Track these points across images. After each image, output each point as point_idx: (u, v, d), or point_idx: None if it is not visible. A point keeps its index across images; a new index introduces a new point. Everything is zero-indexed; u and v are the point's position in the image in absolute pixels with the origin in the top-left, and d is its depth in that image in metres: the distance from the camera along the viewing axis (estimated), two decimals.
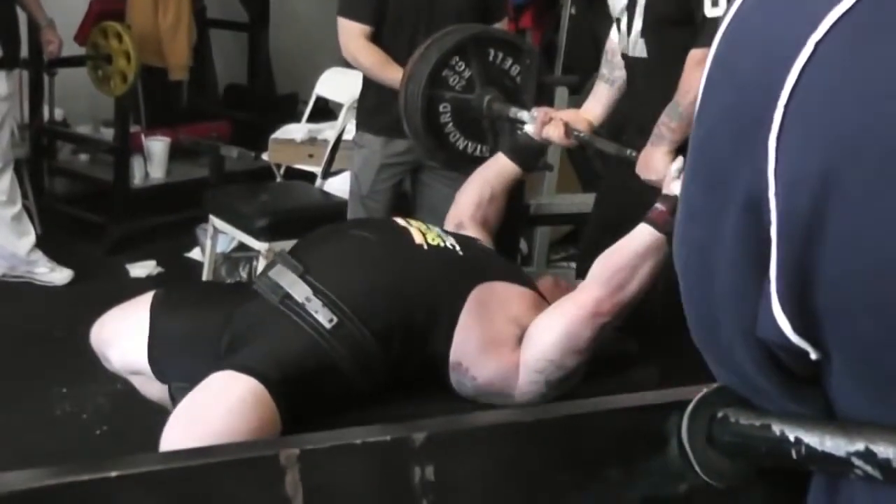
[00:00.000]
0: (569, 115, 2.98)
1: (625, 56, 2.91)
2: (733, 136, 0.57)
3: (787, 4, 0.55)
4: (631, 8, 2.81)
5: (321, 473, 0.81)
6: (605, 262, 2.12)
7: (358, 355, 2.00)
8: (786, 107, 0.53)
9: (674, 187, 2.16)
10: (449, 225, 2.58)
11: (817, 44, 0.52)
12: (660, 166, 2.52)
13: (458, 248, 2.24)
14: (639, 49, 2.82)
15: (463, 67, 3.06)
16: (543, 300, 2.24)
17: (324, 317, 2.01)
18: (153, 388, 2.18)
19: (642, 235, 2.10)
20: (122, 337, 2.18)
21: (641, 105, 2.88)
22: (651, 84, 2.83)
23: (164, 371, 2.13)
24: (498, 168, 2.72)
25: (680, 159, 2.24)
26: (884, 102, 0.49)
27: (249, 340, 2.01)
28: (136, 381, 2.23)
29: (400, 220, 2.34)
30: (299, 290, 2.05)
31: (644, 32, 2.78)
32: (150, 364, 2.13)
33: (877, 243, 0.50)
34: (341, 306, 2.02)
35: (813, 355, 0.58)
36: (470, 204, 2.60)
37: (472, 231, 2.53)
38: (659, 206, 2.13)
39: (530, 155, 2.81)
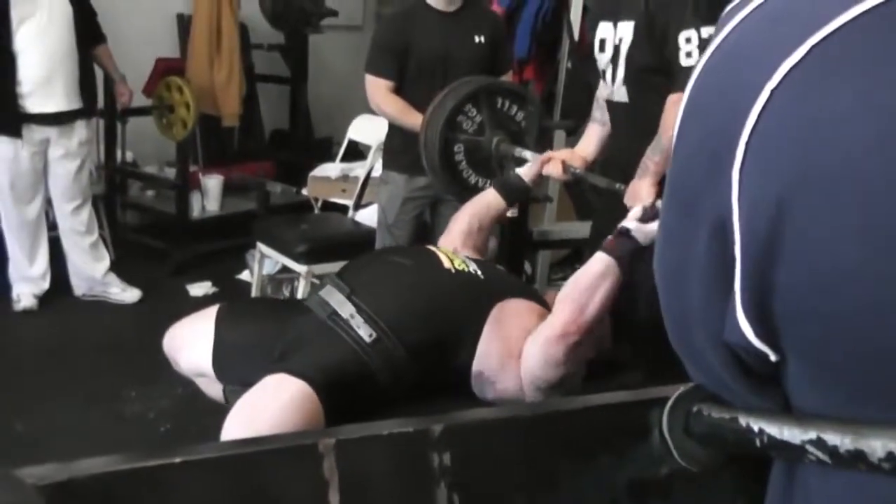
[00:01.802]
0: (565, 153, 2.99)
1: (609, 102, 2.92)
2: (703, 169, 0.58)
3: (746, 57, 0.56)
4: (614, 60, 2.81)
5: (354, 460, 0.81)
6: (569, 289, 2.12)
7: (392, 366, 2.00)
8: (747, 144, 0.53)
9: (628, 223, 2.17)
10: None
11: (772, 91, 0.52)
12: (644, 196, 2.52)
13: (479, 272, 2.24)
14: (621, 95, 2.82)
15: (475, 113, 3.07)
16: (548, 311, 2.24)
17: (364, 332, 2.02)
18: (215, 389, 2.19)
19: (596, 262, 2.10)
20: (190, 343, 2.19)
21: (624, 143, 2.89)
22: (632, 125, 2.83)
23: (224, 374, 2.13)
24: (487, 202, 2.71)
25: (640, 207, 2.23)
26: (824, 144, 0.50)
27: (300, 349, 2.02)
28: (201, 383, 2.24)
29: (431, 248, 2.35)
30: (345, 309, 2.06)
31: (626, 80, 2.79)
32: (214, 367, 2.14)
33: (820, 261, 0.51)
34: (380, 323, 2.02)
35: (772, 357, 0.58)
36: (461, 233, 2.59)
37: (465, 252, 2.52)
38: (610, 237, 2.15)
39: (516, 192, 2.80)
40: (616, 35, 2.79)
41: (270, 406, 1.83)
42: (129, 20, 5.64)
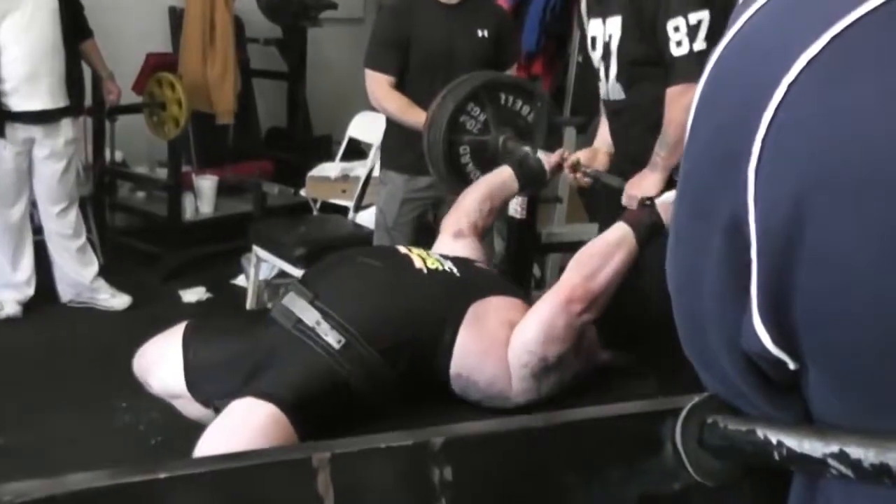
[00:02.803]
0: (586, 154, 2.99)
1: (605, 101, 2.94)
2: (717, 167, 0.57)
3: (761, 50, 0.56)
4: (606, 58, 2.83)
5: (350, 474, 0.81)
6: (580, 254, 2.13)
7: (366, 372, 1.99)
8: (763, 141, 0.53)
9: (658, 200, 2.19)
10: (447, 232, 2.55)
11: (790, 85, 0.52)
12: (649, 187, 2.56)
13: (455, 270, 2.23)
14: (616, 92, 2.85)
15: (478, 112, 3.06)
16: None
17: (333, 338, 2.00)
18: (193, 409, 2.18)
19: (614, 229, 2.12)
20: (159, 366, 2.19)
21: (624, 142, 2.91)
22: (630, 121, 2.85)
23: (200, 393, 2.13)
24: (501, 183, 2.69)
25: (671, 192, 2.26)
26: (845, 138, 0.50)
27: (268, 366, 2.01)
28: (177, 404, 2.23)
29: (402, 248, 2.34)
30: (309, 316, 2.05)
31: (619, 77, 2.81)
32: (188, 388, 2.13)
33: (843, 261, 0.50)
34: (348, 328, 2.01)
35: (791, 365, 0.57)
36: (472, 211, 2.58)
37: (469, 242, 2.51)
38: (635, 207, 2.17)
39: (532, 178, 2.79)
40: (605, 32, 2.82)
41: (240, 435, 1.83)
42: (118, 14, 5.65)
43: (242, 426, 1.85)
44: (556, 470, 0.90)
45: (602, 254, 2.07)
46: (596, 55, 2.90)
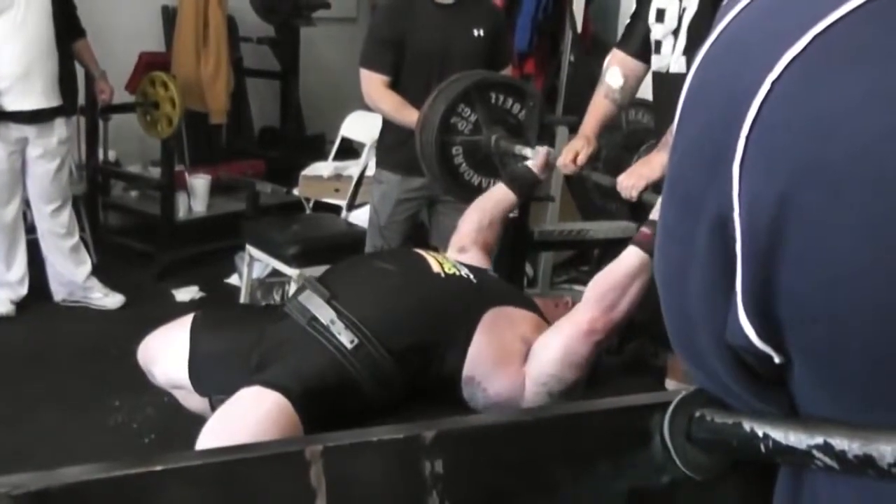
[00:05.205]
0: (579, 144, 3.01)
1: (661, 75, 2.94)
2: (703, 162, 0.58)
3: (746, 48, 0.56)
4: (677, 31, 2.85)
5: (342, 467, 0.81)
6: (597, 284, 2.12)
7: (376, 373, 2.00)
8: (747, 138, 0.54)
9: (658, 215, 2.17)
10: (452, 249, 2.56)
11: (773, 82, 0.52)
12: (655, 168, 2.55)
13: (471, 276, 2.24)
14: (679, 66, 2.86)
15: (469, 113, 3.06)
16: (545, 321, 2.24)
17: (346, 338, 2.01)
18: (193, 401, 2.18)
19: (630, 257, 2.09)
20: (165, 355, 2.19)
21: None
22: None
23: (202, 385, 2.13)
24: (497, 197, 2.71)
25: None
26: (830, 136, 0.50)
27: (278, 358, 2.02)
28: (178, 395, 2.24)
29: (420, 252, 2.35)
30: (325, 314, 2.06)
31: (686, 50, 2.83)
32: (190, 379, 2.13)
33: (826, 260, 0.51)
34: (363, 329, 2.02)
35: (777, 359, 0.58)
36: (471, 230, 2.59)
37: (473, 254, 2.51)
38: (644, 229, 2.13)
39: (526, 184, 2.80)
40: (681, 5, 2.83)
41: (244, 421, 1.83)
42: (111, 13, 5.65)
43: (248, 413, 1.85)
44: (546, 463, 0.90)
45: (621, 286, 2.06)
46: (662, 28, 2.91)
